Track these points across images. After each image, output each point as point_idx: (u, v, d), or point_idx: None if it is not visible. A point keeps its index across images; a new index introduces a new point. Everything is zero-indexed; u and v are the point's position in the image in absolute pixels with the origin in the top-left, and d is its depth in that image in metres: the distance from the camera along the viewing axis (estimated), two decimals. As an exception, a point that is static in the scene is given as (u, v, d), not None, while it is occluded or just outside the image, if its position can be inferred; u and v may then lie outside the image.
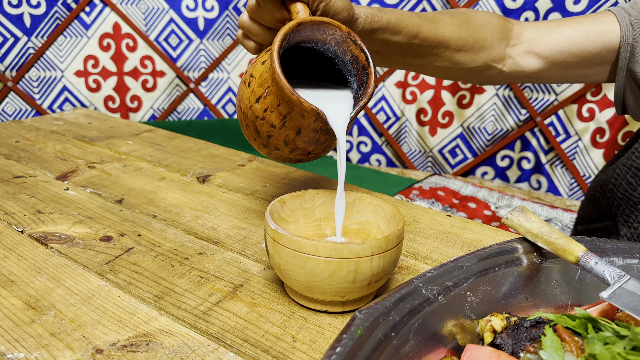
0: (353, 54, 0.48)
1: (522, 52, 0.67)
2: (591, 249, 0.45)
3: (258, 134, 0.49)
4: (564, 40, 0.65)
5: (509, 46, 0.67)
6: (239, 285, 0.47)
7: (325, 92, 0.52)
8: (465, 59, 0.64)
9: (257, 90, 0.47)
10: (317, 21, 0.46)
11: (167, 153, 0.81)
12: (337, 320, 0.43)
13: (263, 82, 0.46)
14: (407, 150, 2.05)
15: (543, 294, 0.43)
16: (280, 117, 0.46)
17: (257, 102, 0.47)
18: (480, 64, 0.65)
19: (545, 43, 0.66)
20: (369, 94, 0.47)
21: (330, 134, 0.48)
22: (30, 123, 0.93)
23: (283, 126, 0.47)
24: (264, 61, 0.47)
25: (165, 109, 2.10)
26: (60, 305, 0.43)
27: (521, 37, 0.67)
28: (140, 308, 0.44)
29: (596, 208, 0.81)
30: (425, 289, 0.37)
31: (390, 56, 0.62)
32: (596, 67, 0.67)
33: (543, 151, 1.85)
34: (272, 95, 0.46)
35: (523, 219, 0.44)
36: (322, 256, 0.39)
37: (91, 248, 0.52)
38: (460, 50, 0.63)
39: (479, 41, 0.64)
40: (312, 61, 0.52)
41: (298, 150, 0.49)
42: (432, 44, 0.61)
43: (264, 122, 0.47)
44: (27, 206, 0.61)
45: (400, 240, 0.42)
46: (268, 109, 0.46)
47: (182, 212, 0.61)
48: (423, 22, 0.59)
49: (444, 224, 0.60)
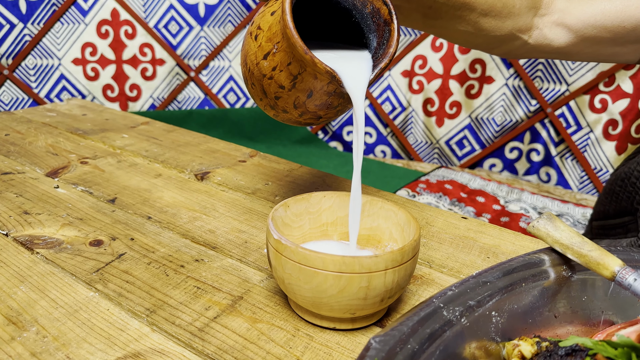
0: (374, 7, 0.42)
1: (551, 23, 0.61)
2: (625, 260, 0.41)
3: (265, 94, 0.43)
4: (599, 12, 0.60)
5: (537, 16, 0.61)
6: (238, 297, 0.43)
7: (342, 52, 0.47)
8: (491, 25, 0.58)
9: (265, 46, 0.41)
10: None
11: (164, 147, 0.77)
12: (346, 339, 0.39)
13: (272, 36, 0.41)
14: (413, 142, 2.01)
15: (573, 311, 0.39)
16: (290, 77, 0.41)
17: (265, 59, 0.41)
18: (506, 32, 0.60)
19: (577, 15, 0.61)
20: (390, 54, 0.42)
21: (345, 97, 0.43)
22: (22, 115, 0.89)
23: (293, 87, 0.41)
24: (274, 12, 0.41)
25: (165, 98, 2.05)
26: (44, 320, 0.40)
27: (552, 7, 0.61)
28: (131, 323, 0.40)
29: (615, 202, 0.76)
30: (447, 310, 0.33)
31: (411, 14, 0.57)
32: (629, 46, 0.62)
33: (553, 143, 1.80)
34: (282, 52, 0.40)
35: (551, 228, 0.40)
36: (331, 270, 0.35)
37: (80, 254, 0.48)
38: (486, 14, 0.58)
39: (507, 7, 0.58)
40: (326, 13, 0.47)
41: (308, 114, 0.44)
42: (457, 4, 0.55)
43: (271, 81, 0.42)
44: (14, 206, 0.57)
45: (416, 252, 0.38)
46: (277, 67, 0.41)
47: (178, 213, 0.57)
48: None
49: (459, 227, 0.56)
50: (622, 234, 0.73)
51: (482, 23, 0.58)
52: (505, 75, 1.80)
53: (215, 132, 2.03)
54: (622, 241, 0.71)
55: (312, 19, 0.48)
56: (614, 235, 0.75)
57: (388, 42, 0.42)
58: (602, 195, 0.81)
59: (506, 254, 0.52)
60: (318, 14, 0.47)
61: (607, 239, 0.76)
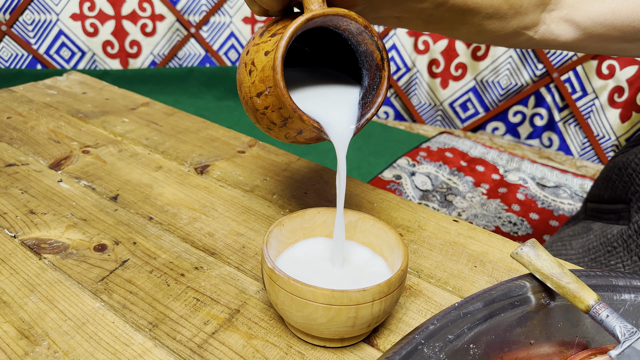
0: (368, 49, 0.42)
1: (559, 18, 0.60)
2: (602, 286, 0.43)
3: (258, 122, 0.45)
4: (609, 11, 0.59)
5: (545, 11, 0.59)
6: (235, 310, 0.46)
7: (331, 90, 0.47)
8: (495, 26, 0.57)
9: (259, 85, 0.42)
10: (330, 13, 0.40)
11: (164, 135, 0.77)
12: (335, 356, 0.42)
13: (265, 78, 0.42)
14: (417, 103, 1.99)
15: (548, 337, 0.41)
16: (281, 117, 0.42)
17: (258, 97, 0.43)
18: (510, 30, 0.58)
19: (586, 12, 0.59)
20: (378, 104, 0.42)
21: None
22: (23, 93, 0.89)
23: (284, 126, 0.43)
24: (267, 52, 0.42)
25: (165, 55, 2.02)
26: (54, 333, 0.42)
27: (561, 2, 0.60)
28: (135, 338, 0.43)
29: (610, 189, 0.78)
30: (427, 347, 0.35)
31: (412, 21, 0.55)
32: (637, 42, 0.61)
33: (557, 108, 1.78)
34: (273, 97, 0.42)
35: (534, 256, 0.42)
36: (321, 303, 0.38)
37: (85, 260, 0.51)
38: (491, 17, 0.56)
39: (514, 7, 0.56)
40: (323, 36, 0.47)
41: (299, 142, 0.46)
42: (461, 11, 0.54)
43: (264, 117, 0.43)
44: (20, 204, 0.59)
45: (402, 281, 0.41)
46: (269, 107, 0.42)
47: (179, 213, 0.59)
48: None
49: (450, 231, 0.58)
50: (615, 220, 0.74)
51: (487, 25, 0.57)
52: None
53: (216, 90, 2.01)
54: (613, 227, 0.73)
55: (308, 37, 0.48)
56: (606, 219, 0.77)
57: (377, 89, 0.42)
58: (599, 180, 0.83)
59: (493, 262, 0.54)
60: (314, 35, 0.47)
61: (600, 222, 0.77)
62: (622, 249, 0.67)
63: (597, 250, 0.71)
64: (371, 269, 0.45)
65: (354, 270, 0.45)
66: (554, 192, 1.41)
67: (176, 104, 1.89)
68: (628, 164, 0.73)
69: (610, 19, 0.59)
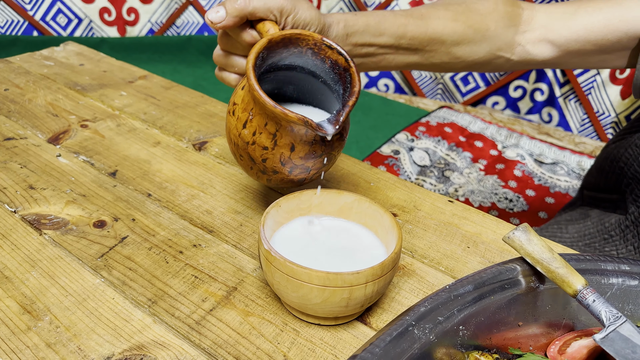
0: (332, 59, 0.46)
1: (534, 39, 0.62)
2: (591, 269, 0.44)
3: (253, 160, 0.47)
4: (581, 28, 0.60)
5: (518, 33, 0.61)
6: (232, 288, 0.47)
7: (311, 109, 0.52)
8: (466, 52, 0.60)
9: (242, 116, 0.45)
10: (288, 35, 0.45)
11: (162, 109, 0.77)
12: (329, 334, 0.43)
13: (246, 106, 0.45)
14: (417, 76, 1.97)
15: (536, 319, 0.42)
16: (270, 136, 0.44)
17: (245, 127, 0.45)
18: (484, 54, 0.61)
19: (559, 31, 0.61)
20: (356, 93, 0.45)
21: (326, 143, 0.46)
22: (20, 64, 0.89)
23: (275, 145, 0.45)
24: (244, 86, 0.46)
25: (163, 23, 1.99)
26: (55, 309, 0.44)
27: (532, 24, 0.61)
28: (135, 314, 0.44)
29: (604, 180, 0.78)
30: (418, 329, 0.36)
31: (382, 58, 0.59)
32: (615, 54, 0.62)
33: (558, 84, 1.77)
34: (257, 116, 0.44)
35: (525, 241, 0.42)
36: (316, 284, 0.39)
37: (85, 236, 0.52)
38: (458, 44, 0.59)
39: (480, 32, 0.59)
40: (298, 86, 0.52)
41: (297, 168, 0.46)
42: (424, 41, 0.57)
43: (255, 146, 0.46)
44: (19, 179, 0.59)
45: (395, 263, 0.41)
46: (256, 131, 0.45)
47: (177, 190, 0.60)
48: (410, 20, 0.56)
49: (445, 212, 0.59)
50: (612, 208, 0.75)
51: (456, 52, 0.60)
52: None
53: (215, 60, 1.99)
54: (611, 216, 0.73)
55: (287, 91, 0.52)
56: (603, 207, 0.77)
57: (351, 83, 0.45)
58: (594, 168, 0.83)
59: (486, 243, 0.55)
60: (291, 85, 0.51)
61: (598, 210, 0.78)
62: (618, 238, 0.68)
63: (593, 236, 0.73)
64: (366, 250, 0.46)
65: (349, 251, 0.46)
66: (551, 169, 1.42)
67: (174, 73, 1.87)
68: (619, 157, 0.73)
69: (584, 35, 0.60)
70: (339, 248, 0.46)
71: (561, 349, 0.41)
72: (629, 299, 0.43)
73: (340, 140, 0.47)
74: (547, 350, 0.42)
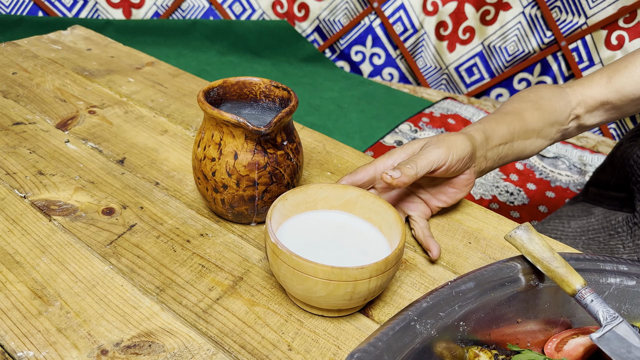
0: (276, 95, 0.55)
1: (584, 114, 0.65)
2: (590, 269, 0.45)
3: (206, 178, 0.51)
4: (633, 84, 0.62)
5: (571, 114, 0.65)
6: (239, 277, 0.48)
7: None
8: (545, 133, 0.64)
9: (197, 137, 0.52)
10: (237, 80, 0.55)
11: (169, 97, 0.78)
12: (332, 325, 0.44)
13: (201, 129, 0.51)
14: (422, 66, 1.97)
15: (535, 316, 0.43)
16: (216, 147, 0.49)
17: (198, 146, 0.51)
18: (554, 134, 0.65)
19: (608, 96, 0.64)
20: (290, 105, 0.50)
21: (269, 155, 0.49)
22: (27, 47, 0.89)
23: (221, 155, 0.49)
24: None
25: (169, 6, 1.98)
26: (66, 294, 0.45)
27: (577, 100, 0.65)
28: (143, 301, 0.45)
29: (615, 177, 0.79)
30: (419, 324, 0.37)
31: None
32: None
33: (562, 77, 1.77)
34: (207, 132, 0.50)
35: (526, 240, 0.43)
36: (321, 278, 0.40)
37: (94, 223, 0.53)
38: (541, 130, 0.63)
39: (554, 113, 0.63)
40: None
41: (243, 180, 0.50)
42: (523, 133, 0.61)
43: (206, 160, 0.50)
44: (28, 164, 0.60)
45: (399, 259, 0.42)
46: (206, 145, 0.50)
47: (184, 179, 0.60)
48: (509, 117, 0.60)
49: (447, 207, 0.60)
50: (618, 207, 0.76)
51: (540, 136, 0.64)
52: (523, 2, 1.72)
53: (219, 45, 1.98)
54: (617, 214, 0.74)
55: None
56: (608, 205, 0.78)
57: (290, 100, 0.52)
58: (606, 164, 0.84)
59: (487, 240, 0.56)
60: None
61: (602, 207, 0.79)
62: (625, 234, 0.70)
63: (598, 232, 0.74)
64: (370, 244, 0.47)
65: (354, 245, 0.47)
66: (552, 163, 1.42)
67: (179, 57, 1.86)
68: (630, 155, 0.74)
69: (632, 90, 0.63)
70: (344, 242, 0.47)
71: (558, 346, 0.42)
72: (626, 299, 0.44)
73: (287, 159, 0.51)
74: (544, 347, 0.43)
